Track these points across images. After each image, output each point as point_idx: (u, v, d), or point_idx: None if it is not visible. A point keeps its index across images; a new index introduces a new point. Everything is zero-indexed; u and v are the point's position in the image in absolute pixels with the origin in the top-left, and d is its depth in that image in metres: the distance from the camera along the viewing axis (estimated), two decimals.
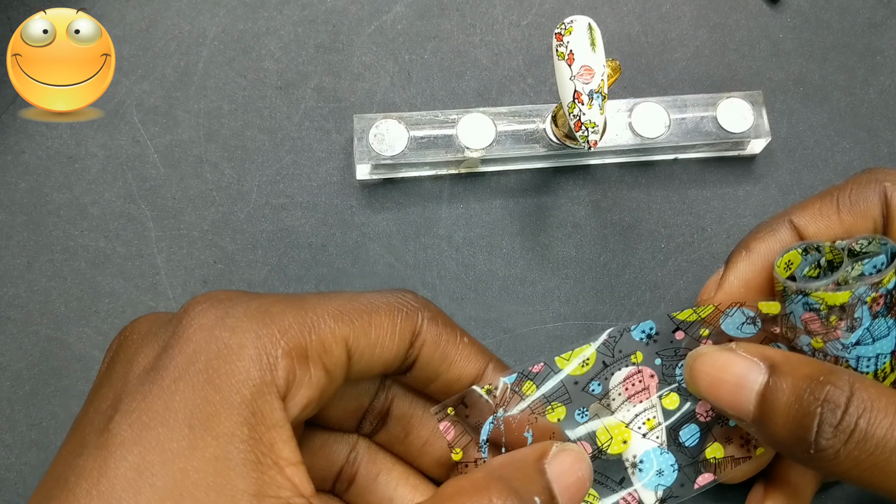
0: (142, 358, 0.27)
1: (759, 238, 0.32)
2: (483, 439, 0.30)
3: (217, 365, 0.26)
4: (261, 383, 0.26)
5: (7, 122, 0.40)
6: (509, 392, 0.31)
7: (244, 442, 0.25)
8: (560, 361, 0.31)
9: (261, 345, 0.26)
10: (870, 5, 0.44)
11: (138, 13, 0.42)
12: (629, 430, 0.31)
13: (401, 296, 0.30)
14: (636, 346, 0.32)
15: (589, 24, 0.34)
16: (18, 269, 0.38)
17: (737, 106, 0.40)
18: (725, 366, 0.29)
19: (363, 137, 0.39)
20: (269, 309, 0.27)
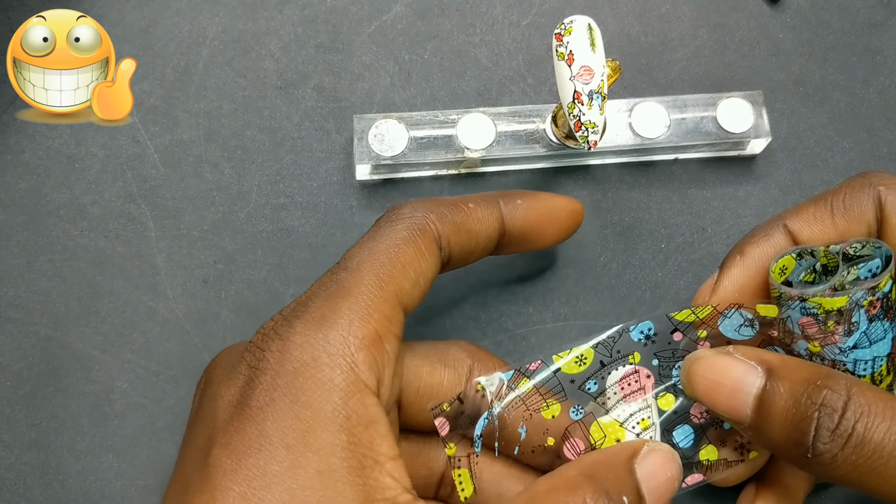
0: (227, 392, 0.28)
1: (754, 242, 0.33)
2: (477, 434, 0.31)
3: (299, 383, 0.27)
4: (347, 386, 0.27)
5: (7, 122, 0.40)
6: (505, 388, 0.31)
7: (344, 449, 0.26)
8: (557, 359, 0.31)
9: (333, 350, 0.27)
10: (870, 5, 0.44)
11: (138, 13, 0.42)
12: (623, 428, 0.31)
13: (408, 219, 0.31)
14: (634, 346, 0.32)
15: (589, 24, 0.34)
16: (18, 269, 0.38)
17: (737, 106, 0.40)
18: (723, 370, 0.29)
19: (363, 137, 0.39)
20: (322, 311, 0.28)
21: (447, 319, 0.39)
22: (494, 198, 0.33)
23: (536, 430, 0.32)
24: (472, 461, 0.31)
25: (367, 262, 0.29)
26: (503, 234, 0.33)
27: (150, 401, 0.37)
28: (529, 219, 0.34)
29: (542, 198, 0.34)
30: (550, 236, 0.35)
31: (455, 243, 0.31)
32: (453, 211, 0.32)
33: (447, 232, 0.31)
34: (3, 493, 0.36)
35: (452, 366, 0.32)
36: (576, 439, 0.32)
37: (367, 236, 0.31)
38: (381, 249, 0.30)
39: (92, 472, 0.36)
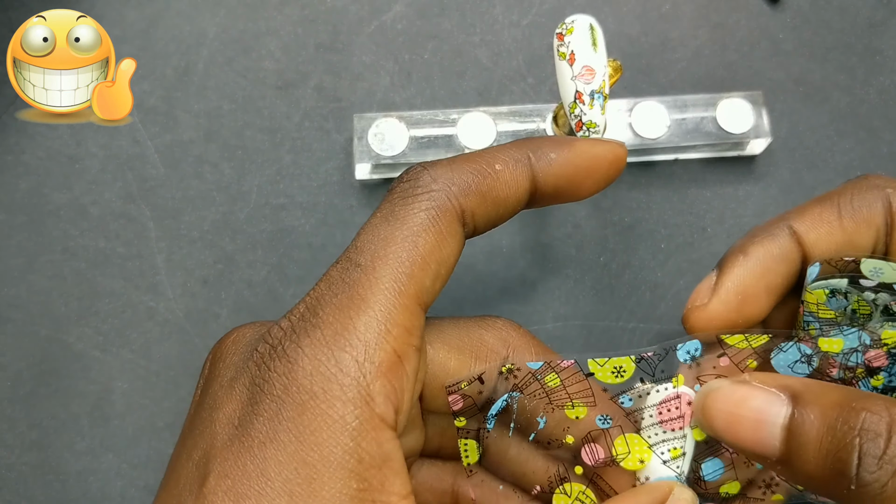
0: (228, 405, 0.25)
1: (758, 243, 0.31)
2: (492, 413, 0.29)
3: (307, 420, 0.24)
4: (360, 424, 0.24)
5: (7, 122, 0.40)
6: (531, 377, 0.29)
7: (353, 498, 0.24)
8: (593, 365, 0.29)
9: (346, 381, 0.24)
10: (870, 5, 0.44)
11: (138, 13, 0.42)
12: (651, 451, 0.29)
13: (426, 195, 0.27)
14: (679, 367, 0.29)
15: (590, 23, 0.34)
16: (18, 269, 0.38)
17: (737, 106, 0.40)
18: (742, 400, 0.26)
19: (363, 137, 0.39)
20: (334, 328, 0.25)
21: None
22: (524, 152, 0.29)
23: (557, 424, 0.30)
24: (482, 434, 0.29)
25: (382, 256, 0.26)
26: (535, 192, 0.29)
27: (150, 401, 0.37)
28: (565, 174, 0.30)
29: (578, 148, 0.30)
30: (588, 188, 0.31)
31: (481, 214, 0.28)
32: (479, 178, 0.28)
33: (472, 205, 0.28)
34: (3, 492, 0.36)
35: (485, 358, 0.29)
36: (597, 446, 0.30)
37: (381, 217, 0.27)
38: (398, 239, 0.26)
39: (92, 472, 0.36)
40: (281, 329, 0.26)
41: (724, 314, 0.30)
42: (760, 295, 0.30)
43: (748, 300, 0.30)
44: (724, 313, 0.30)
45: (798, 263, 0.30)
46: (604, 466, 0.29)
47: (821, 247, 0.30)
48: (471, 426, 0.29)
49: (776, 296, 0.30)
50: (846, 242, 0.30)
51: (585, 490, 0.30)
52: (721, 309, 0.30)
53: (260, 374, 0.25)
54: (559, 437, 0.30)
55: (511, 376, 0.29)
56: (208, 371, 0.28)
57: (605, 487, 0.30)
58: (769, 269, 0.30)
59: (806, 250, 0.30)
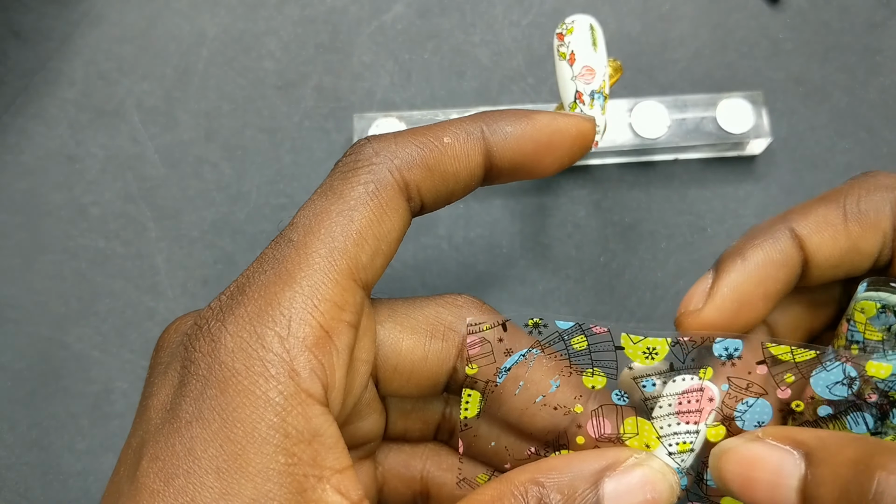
0: (162, 391, 0.25)
1: (757, 245, 0.29)
2: (506, 367, 0.28)
3: (230, 398, 0.24)
4: (284, 400, 0.24)
5: (7, 122, 0.40)
6: (556, 336, 0.28)
7: (282, 473, 0.23)
8: (626, 340, 0.28)
9: (269, 356, 0.24)
10: (870, 5, 0.44)
11: (138, 13, 0.42)
12: (658, 440, 0.28)
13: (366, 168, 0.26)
14: (711, 360, 0.28)
15: (590, 23, 0.34)
16: (18, 269, 0.38)
17: (737, 106, 0.40)
18: (756, 461, 0.25)
19: (363, 137, 0.39)
20: (258, 305, 0.24)
21: None
22: (477, 124, 0.28)
23: (571, 390, 0.28)
24: (489, 388, 0.28)
25: (314, 231, 0.25)
26: (490, 168, 0.28)
27: None
28: (523, 148, 0.28)
29: (537, 120, 0.28)
30: (551, 164, 0.29)
31: (427, 189, 0.27)
32: (424, 150, 0.27)
33: (416, 178, 0.27)
34: (3, 492, 0.36)
35: (441, 336, 0.28)
36: (605, 420, 0.28)
37: (319, 192, 0.26)
38: (333, 214, 0.25)
39: (92, 472, 0.36)
40: (210, 309, 0.26)
41: (719, 321, 0.29)
42: (757, 302, 0.29)
43: (744, 307, 0.29)
44: (718, 320, 0.29)
45: (798, 268, 0.29)
46: (607, 442, 0.28)
47: (824, 252, 0.29)
48: (480, 377, 0.28)
49: (773, 302, 0.29)
50: (850, 247, 0.29)
51: None
52: (715, 315, 0.29)
53: (187, 355, 0.25)
54: (568, 405, 0.29)
55: (535, 331, 0.28)
56: (151, 361, 0.27)
57: None
58: (768, 276, 0.29)
59: (807, 255, 0.29)
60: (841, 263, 0.29)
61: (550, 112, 0.29)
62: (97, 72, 0.41)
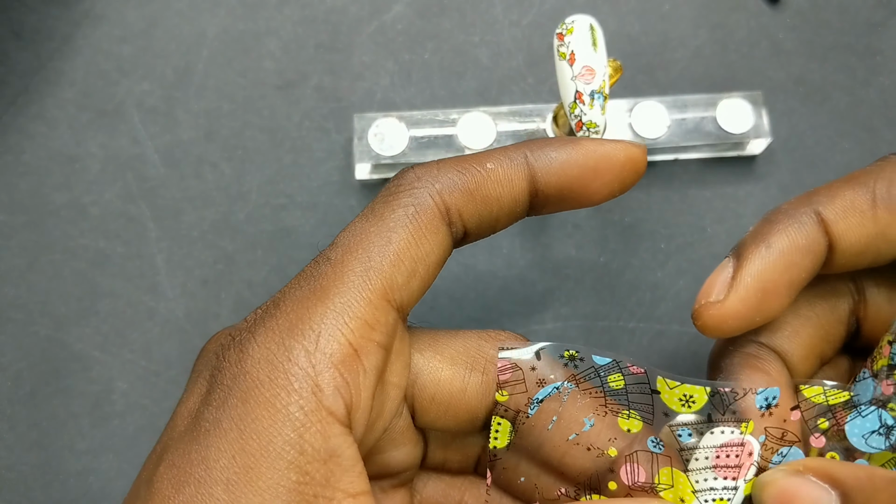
0: (190, 399, 0.25)
1: (781, 231, 0.27)
2: (538, 398, 0.27)
3: (250, 408, 0.23)
4: (304, 415, 0.23)
5: (7, 122, 0.40)
6: (592, 372, 0.27)
7: (291, 491, 0.23)
8: (661, 384, 0.27)
9: (294, 370, 0.23)
10: (870, 5, 0.44)
11: (138, 13, 0.42)
12: (694, 496, 0.27)
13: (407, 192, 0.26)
14: (752, 413, 0.27)
15: (590, 23, 0.34)
16: (19, 269, 0.38)
17: (737, 106, 0.40)
18: (793, 496, 0.25)
19: (363, 137, 0.39)
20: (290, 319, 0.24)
21: (447, 319, 0.39)
22: (521, 150, 0.27)
23: (605, 431, 0.27)
24: (520, 419, 0.27)
25: (352, 251, 0.25)
26: (536, 194, 0.27)
27: (150, 401, 0.37)
28: (568, 173, 0.27)
29: (583, 146, 0.27)
30: (598, 191, 0.28)
31: (469, 214, 0.26)
32: (465, 175, 0.26)
33: (458, 202, 0.26)
34: (4, 492, 0.36)
35: (482, 369, 0.27)
36: (640, 467, 0.27)
37: (360, 216, 0.27)
38: (371, 234, 0.26)
39: (92, 472, 0.36)
40: (245, 322, 0.26)
41: (743, 312, 0.27)
42: (782, 291, 0.27)
43: (769, 297, 0.27)
44: (742, 311, 0.27)
45: (823, 255, 0.28)
46: (640, 491, 0.27)
47: (849, 238, 0.28)
48: (511, 405, 0.27)
49: (797, 291, 0.28)
50: (878, 234, 0.28)
51: None
52: (739, 307, 0.27)
53: (217, 364, 0.25)
54: (602, 446, 0.28)
55: (571, 364, 0.27)
56: (191, 371, 0.28)
57: None
58: (793, 263, 0.27)
59: (832, 240, 0.28)
60: (866, 251, 0.28)
61: (598, 139, 0.28)
62: (97, 72, 0.41)
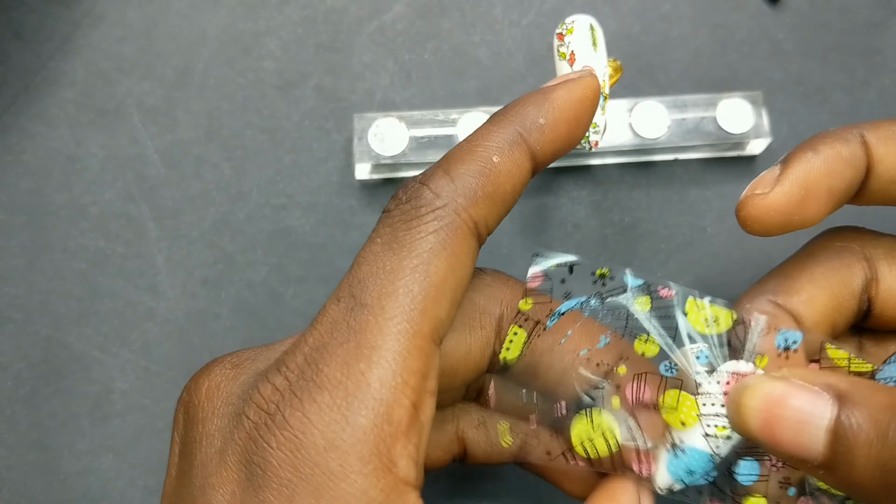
0: (223, 485, 0.22)
1: (829, 143, 0.28)
2: (560, 311, 0.27)
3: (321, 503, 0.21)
4: (385, 497, 0.22)
5: (8, 122, 0.40)
6: (620, 291, 0.27)
7: None
8: (691, 304, 0.27)
9: (363, 449, 0.22)
10: (870, 5, 0.44)
11: (138, 13, 0.42)
12: (697, 418, 0.27)
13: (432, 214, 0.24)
14: (769, 348, 0.27)
15: (590, 23, 0.34)
16: (19, 269, 0.38)
17: (737, 106, 0.40)
18: (782, 399, 0.24)
19: (363, 137, 0.39)
20: (344, 386, 0.22)
21: None
22: (511, 128, 0.26)
23: (619, 350, 0.27)
24: (537, 330, 0.27)
25: (390, 293, 0.23)
26: (536, 163, 0.27)
27: (150, 401, 0.37)
28: (559, 133, 0.27)
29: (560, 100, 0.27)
30: (581, 133, 0.28)
31: (494, 218, 0.26)
32: (482, 180, 0.25)
33: (483, 212, 0.25)
34: (4, 492, 0.36)
35: (479, 325, 0.27)
36: (647, 387, 0.27)
37: (383, 244, 0.24)
38: (407, 270, 0.23)
39: (92, 472, 0.36)
40: (277, 390, 0.23)
41: (785, 206, 0.28)
42: (822, 195, 0.28)
43: (810, 197, 0.28)
44: (784, 205, 0.28)
45: (862, 173, 0.29)
46: (642, 408, 0.27)
47: (887, 163, 0.29)
48: (532, 315, 0.27)
49: (835, 201, 0.29)
50: None
51: (612, 426, 0.28)
52: (782, 201, 0.28)
53: (258, 450, 0.22)
54: (612, 363, 0.27)
55: (601, 282, 0.27)
56: (184, 430, 0.25)
57: (635, 431, 0.27)
58: (835, 171, 0.28)
59: (871, 162, 0.29)
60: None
61: (562, 83, 0.28)
62: (97, 72, 0.41)
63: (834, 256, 0.30)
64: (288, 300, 0.39)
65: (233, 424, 0.23)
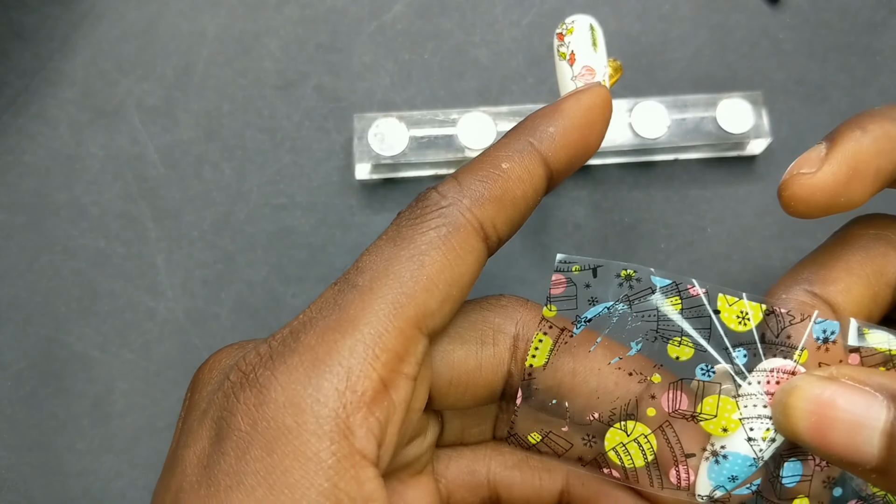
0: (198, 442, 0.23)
1: (877, 121, 0.27)
2: (586, 317, 0.26)
3: (277, 459, 0.22)
4: (337, 462, 0.22)
5: (8, 122, 0.40)
6: (649, 293, 0.26)
7: None
8: (722, 301, 0.26)
9: (323, 412, 0.22)
10: (870, 5, 0.44)
11: (138, 13, 0.42)
12: (739, 423, 0.26)
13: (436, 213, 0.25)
14: (809, 342, 0.26)
15: (590, 23, 0.34)
16: (19, 269, 0.38)
17: (737, 106, 0.40)
18: (833, 401, 0.23)
19: (363, 137, 0.39)
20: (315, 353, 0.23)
21: None
22: (523, 138, 0.27)
23: (652, 356, 0.27)
24: (563, 337, 0.26)
25: (381, 277, 0.24)
26: (550, 174, 0.27)
27: (150, 401, 0.37)
28: (570, 141, 0.27)
29: (571, 110, 0.28)
30: (595, 144, 0.28)
31: (503, 221, 0.26)
32: (489, 184, 0.26)
33: (490, 213, 0.25)
34: (4, 492, 0.36)
35: (492, 341, 0.27)
36: (683, 394, 0.26)
37: (386, 239, 0.25)
38: (402, 258, 0.24)
39: (92, 472, 0.36)
40: (258, 355, 0.24)
41: (832, 186, 0.27)
42: (870, 175, 0.27)
43: (857, 178, 0.27)
44: (831, 185, 0.27)
45: None
46: (680, 418, 0.26)
47: None
48: (557, 322, 0.26)
49: (881, 183, 0.28)
50: None
51: (649, 435, 0.27)
52: (830, 180, 0.27)
53: (227, 406, 0.23)
54: (646, 372, 0.27)
55: (627, 284, 0.26)
56: (187, 402, 0.26)
57: (672, 439, 0.27)
58: (884, 151, 0.27)
59: None
60: None
61: (571, 94, 0.28)
62: (97, 72, 0.41)
63: (870, 245, 0.29)
64: (288, 300, 0.39)
65: (217, 388, 0.24)
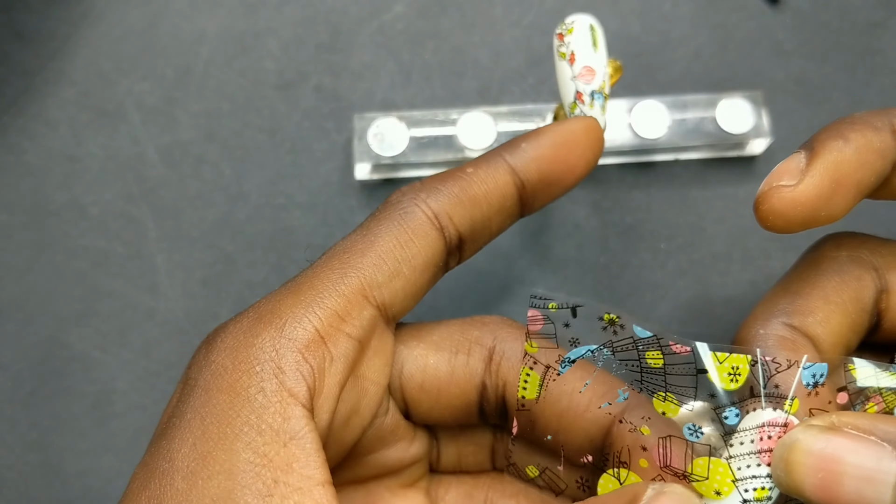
0: (174, 396, 0.25)
1: (858, 130, 0.26)
2: (570, 358, 0.26)
3: (212, 395, 0.23)
4: (265, 397, 0.23)
5: (8, 122, 0.40)
6: (631, 343, 0.25)
7: (247, 472, 0.22)
8: (713, 359, 0.25)
9: (258, 354, 0.23)
10: (870, 5, 0.44)
11: (138, 13, 0.42)
12: (734, 486, 0.24)
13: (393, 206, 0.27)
14: (799, 390, 0.24)
15: (591, 23, 0.34)
16: (19, 269, 0.38)
17: (737, 106, 0.40)
18: (838, 454, 0.22)
19: (363, 137, 0.39)
20: (260, 311, 0.25)
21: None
22: (496, 152, 0.29)
23: (638, 408, 0.26)
24: (549, 375, 0.26)
25: (337, 255, 0.26)
26: (522, 188, 0.28)
27: (150, 401, 0.37)
28: (544, 157, 0.28)
29: (548, 130, 0.29)
30: (577, 166, 0.29)
31: (460, 217, 0.27)
32: (448, 182, 0.27)
33: (445, 206, 0.27)
34: (4, 492, 0.36)
35: (466, 351, 0.28)
36: (673, 452, 0.25)
37: (353, 231, 0.27)
38: (356, 241, 0.26)
39: (92, 472, 0.36)
40: (232, 320, 0.26)
41: (813, 200, 0.26)
42: (851, 188, 0.26)
43: (839, 191, 0.26)
44: (812, 199, 0.26)
45: (891, 164, 0.27)
46: (671, 475, 0.25)
47: None
48: (541, 359, 0.26)
49: (861, 195, 0.27)
50: None
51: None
52: (811, 193, 0.26)
53: (194, 362, 0.25)
54: (635, 423, 0.26)
55: (610, 330, 0.25)
56: None
57: None
58: (866, 162, 0.26)
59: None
60: None
61: (555, 123, 0.30)
62: (97, 72, 0.41)
63: (843, 269, 0.28)
64: None
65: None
